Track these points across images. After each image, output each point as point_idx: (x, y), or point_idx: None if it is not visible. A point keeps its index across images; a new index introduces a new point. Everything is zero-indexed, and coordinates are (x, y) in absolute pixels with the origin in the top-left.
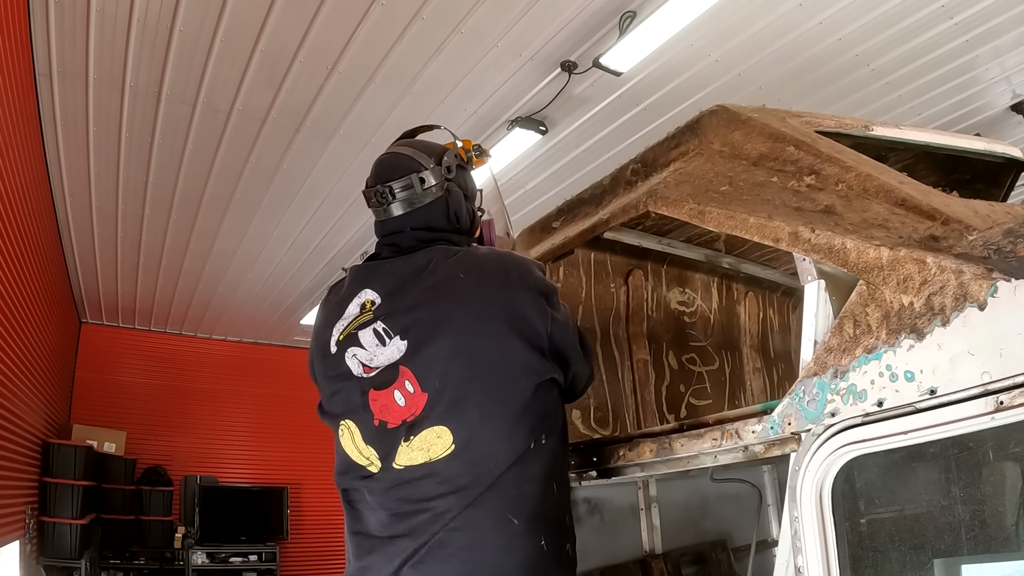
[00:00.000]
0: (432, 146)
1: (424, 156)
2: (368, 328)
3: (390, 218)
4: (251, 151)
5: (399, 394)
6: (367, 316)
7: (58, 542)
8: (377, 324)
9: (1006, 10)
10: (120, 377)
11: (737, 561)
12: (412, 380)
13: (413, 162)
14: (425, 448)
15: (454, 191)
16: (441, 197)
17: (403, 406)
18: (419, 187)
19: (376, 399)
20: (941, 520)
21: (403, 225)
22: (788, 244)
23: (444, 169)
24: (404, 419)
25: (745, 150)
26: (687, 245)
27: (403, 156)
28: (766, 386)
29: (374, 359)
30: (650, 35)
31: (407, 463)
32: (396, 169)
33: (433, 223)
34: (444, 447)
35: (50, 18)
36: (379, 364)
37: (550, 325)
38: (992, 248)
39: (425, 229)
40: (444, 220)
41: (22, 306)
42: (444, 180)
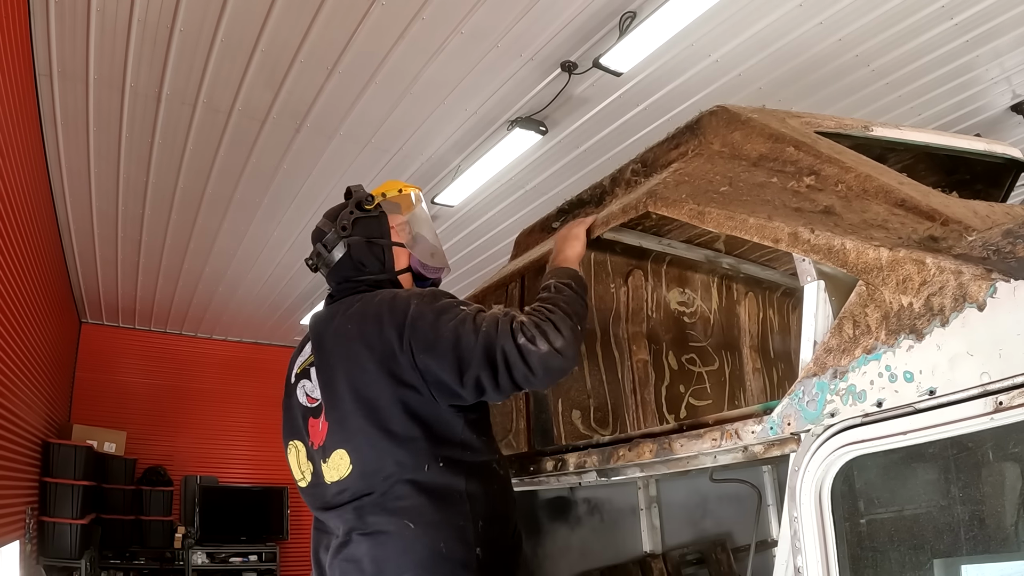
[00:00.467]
0: (336, 210)
1: (327, 222)
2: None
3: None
4: (251, 151)
5: (320, 421)
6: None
7: (58, 542)
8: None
9: (1006, 10)
10: (120, 377)
11: (737, 561)
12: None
13: (320, 232)
14: (336, 467)
15: (354, 242)
16: (344, 254)
17: (320, 431)
18: (326, 252)
19: (312, 425)
20: (940, 520)
21: (331, 281)
22: (788, 245)
23: (340, 228)
24: (320, 444)
25: (745, 151)
26: (687, 245)
27: (318, 229)
28: (766, 386)
29: (314, 391)
30: (650, 35)
31: (330, 480)
32: (314, 241)
33: (345, 276)
34: (346, 467)
35: (50, 18)
36: (316, 397)
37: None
38: (991, 249)
39: (344, 281)
40: (352, 270)
41: (22, 306)
42: (340, 238)
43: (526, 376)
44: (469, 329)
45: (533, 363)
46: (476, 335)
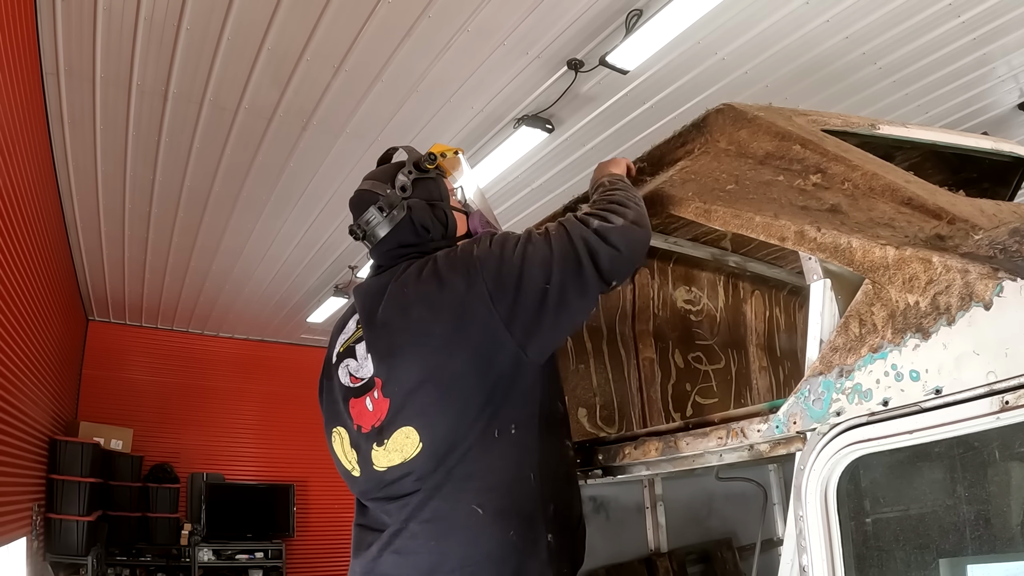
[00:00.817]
0: (389, 171)
1: (380, 184)
2: (360, 344)
3: (374, 245)
4: (258, 150)
5: (369, 401)
6: (358, 334)
7: (65, 539)
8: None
9: (1013, 8)
10: (127, 375)
11: (742, 560)
12: (378, 387)
13: (371, 194)
14: (399, 449)
15: (416, 205)
16: (404, 216)
17: (371, 411)
18: (380, 216)
19: (354, 406)
20: (946, 520)
21: (381, 249)
22: (794, 243)
23: (399, 190)
24: (373, 424)
25: (751, 149)
26: (693, 243)
27: (363, 192)
28: (772, 385)
29: (360, 370)
30: (656, 33)
31: (387, 464)
32: (360, 205)
33: (404, 241)
34: (414, 446)
35: (57, 17)
36: (362, 376)
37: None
38: (998, 247)
39: (398, 247)
40: (413, 235)
41: (30, 304)
42: (401, 200)
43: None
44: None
45: (615, 240)
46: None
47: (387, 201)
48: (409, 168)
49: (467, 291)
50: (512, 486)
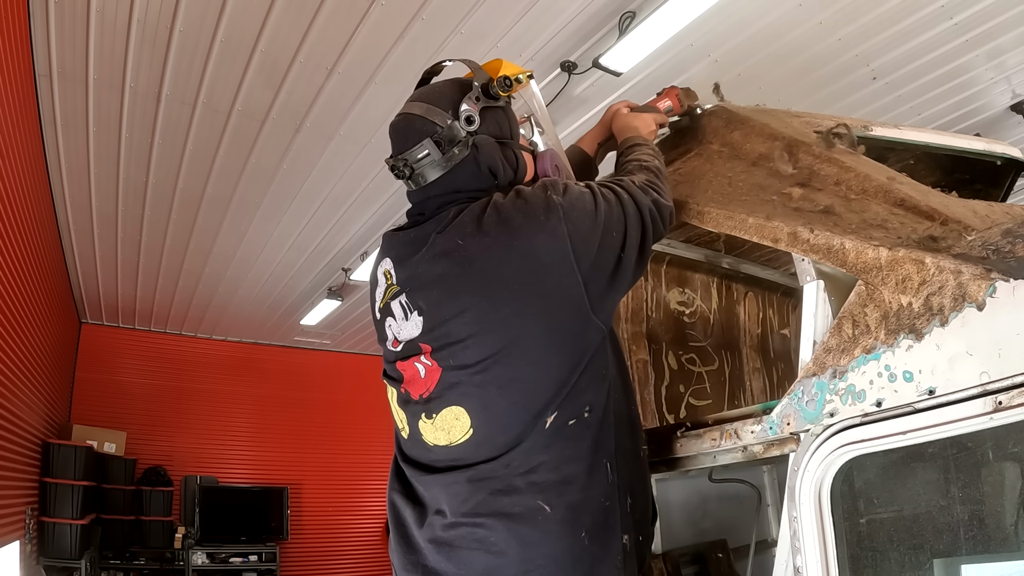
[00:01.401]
0: (449, 93)
1: (438, 111)
2: (397, 300)
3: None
4: (251, 151)
5: (420, 366)
6: (394, 288)
7: (58, 542)
8: (402, 297)
9: (1006, 10)
10: (120, 377)
11: (736, 561)
12: (428, 354)
13: (427, 122)
14: (446, 430)
15: (483, 142)
16: (468, 155)
17: (423, 378)
18: (436, 152)
19: (404, 369)
20: (940, 520)
21: (428, 194)
22: (787, 244)
23: (464, 121)
24: (421, 393)
25: (744, 150)
26: (686, 245)
27: (415, 118)
28: (766, 386)
29: (400, 332)
30: (650, 35)
31: (434, 442)
32: (408, 136)
33: (463, 186)
34: (463, 431)
35: (50, 19)
36: (403, 338)
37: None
38: (991, 248)
39: (454, 192)
40: (475, 180)
41: (22, 306)
42: (467, 135)
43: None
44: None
45: (664, 216)
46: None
47: (448, 135)
48: (477, 94)
49: (548, 244)
50: (586, 480)
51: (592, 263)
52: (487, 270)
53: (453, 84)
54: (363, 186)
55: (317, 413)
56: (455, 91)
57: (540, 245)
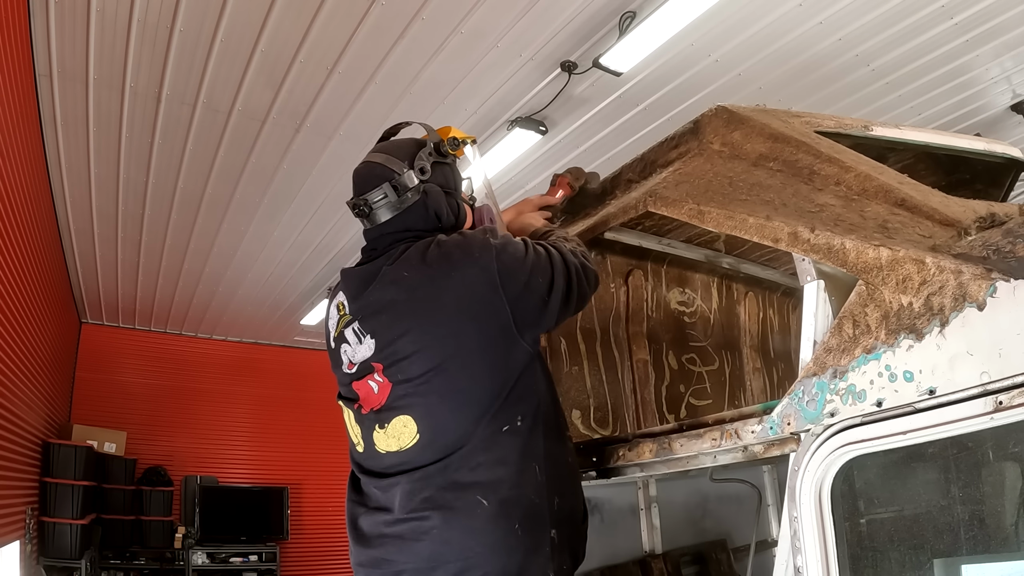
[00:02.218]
0: (405, 147)
1: (396, 161)
2: (350, 328)
3: (374, 226)
4: (251, 151)
5: (373, 384)
6: (347, 318)
7: (58, 542)
8: (355, 325)
9: (1006, 10)
10: (120, 377)
11: (737, 561)
12: (380, 371)
13: (386, 170)
14: (396, 436)
15: (432, 190)
16: (419, 200)
17: (376, 394)
18: (393, 195)
19: (359, 389)
20: (940, 520)
21: (382, 231)
22: (787, 244)
23: (418, 171)
24: (374, 407)
25: (745, 150)
26: (687, 245)
27: (375, 165)
28: (766, 386)
29: (355, 355)
30: (650, 35)
31: (386, 449)
32: (369, 180)
33: (412, 226)
34: (411, 437)
35: (50, 18)
36: (358, 360)
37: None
38: (991, 248)
39: (402, 231)
40: (423, 222)
41: (22, 306)
42: (420, 182)
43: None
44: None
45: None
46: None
47: (403, 181)
48: (430, 150)
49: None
50: (518, 479)
51: (517, 295)
52: (428, 295)
53: (410, 141)
54: None
55: (317, 413)
56: (411, 146)
57: (473, 275)
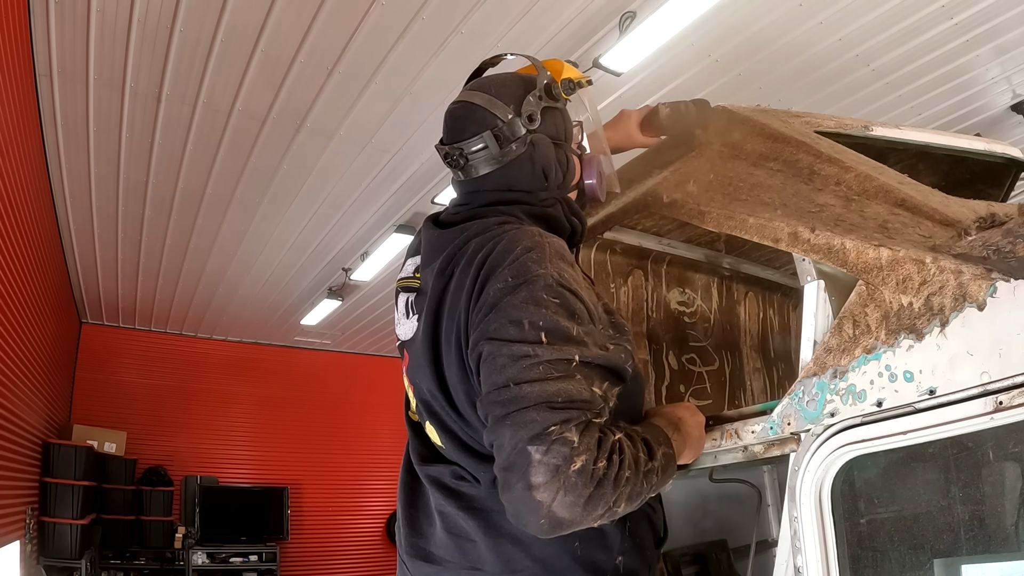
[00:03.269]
0: (512, 86)
1: (501, 105)
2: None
3: (467, 180)
4: (251, 151)
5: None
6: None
7: (58, 542)
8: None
9: (1006, 10)
10: (120, 377)
11: (737, 561)
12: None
13: (487, 114)
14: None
15: (540, 142)
16: (524, 153)
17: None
18: (495, 146)
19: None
20: (941, 520)
21: (478, 187)
22: (788, 244)
23: (526, 119)
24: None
25: (745, 150)
26: (687, 245)
27: (475, 108)
28: (766, 386)
29: (399, 328)
30: (650, 35)
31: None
32: (467, 125)
33: (515, 184)
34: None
35: (50, 18)
36: (401, 336)
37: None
38: (991, 248)
39: (506, 190)
40: (528, 180)
41: (22, 306)
42: (527, 132)
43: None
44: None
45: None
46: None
47: (508, 130)
48: (540, 92)
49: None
50: None
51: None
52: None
53: (516, 79)
54: (363, 186)
55: (317, 413)
56: (518, 86)
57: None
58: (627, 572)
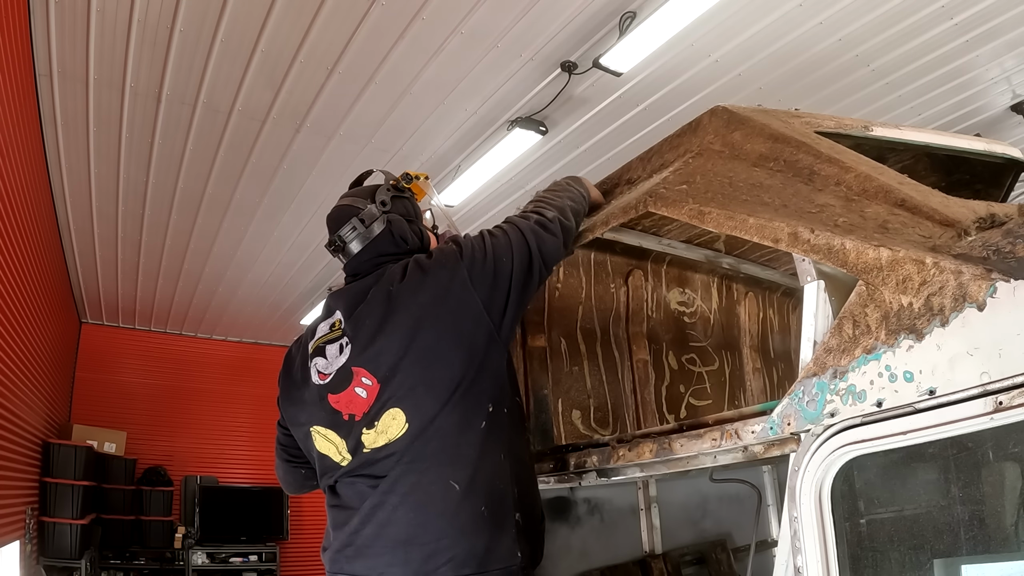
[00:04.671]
0: (368, 188)
1: (360, 200)
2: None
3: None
4: (251, 151)
5: (359, 389)
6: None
7: (58, 542)
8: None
9: (1006, 10)
10: (120, 377)
11: (737, 561)
12: (366, 375)
13: (352, 208)
14: (385, 430)
15: (394, 219)
16: (385, 228)
17: (364, 398)
18: (361, 227)
19: (338, 400)
20: (940, 520)
21: (360, 259)
22: (788, 245)
23: (380, 204)
24: (364, 411)
25: (745, 151)
26: (687, 245)
27: (344, 206)
28: (766, 386)
29: (329, 366)
30: (650, 35)
31: (372, 445)
32: (340, 220)
33: (383, 250)
34: (400, 427)
35: (50, 18)
36: (331, 371)
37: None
38: (991, 249)
39: (377, 256)
40: (392, 245)
41: (22, 306)
42: (383, 213)
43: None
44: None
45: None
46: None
47: (368, 214)
48: (387, 186)
49: (450, 279)
50: (484, 464)
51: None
52: (407, 301)
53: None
54: None
55: None
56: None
57: (444, 279)
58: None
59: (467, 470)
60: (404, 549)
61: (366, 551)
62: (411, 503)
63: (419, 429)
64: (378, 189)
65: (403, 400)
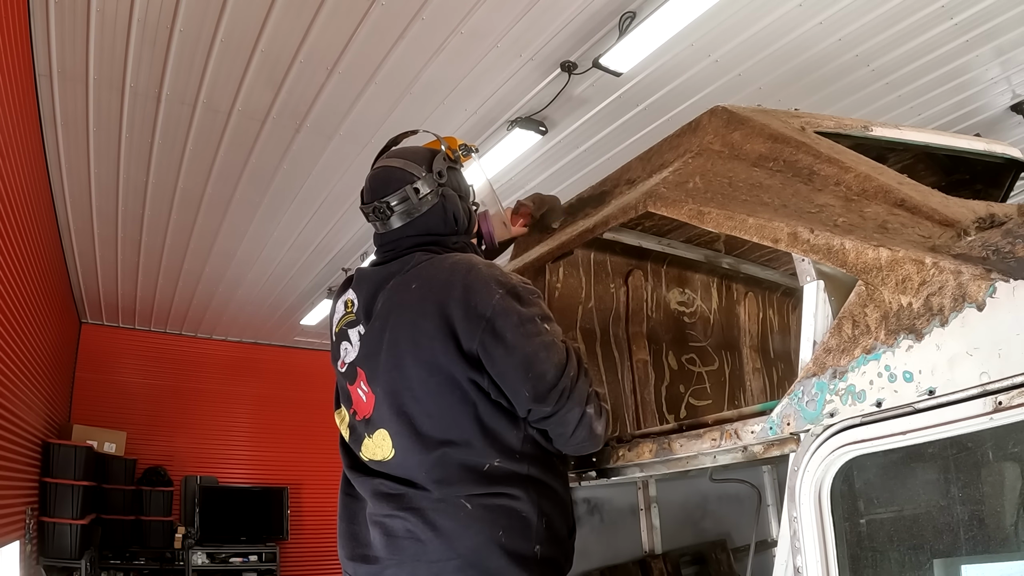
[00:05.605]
0: (421, 152)
1: (415, 165)
2: (355, 328)
3: (390, 230)
4: (251, 151)
5: (360, 391)
6: (350, 316)
7: (58, 542)
8: (359, 326)
9: (1006, 10)
10: (120, 377)
11: (737, 561)
12: (364, 381)
13: (405, 173)
14: (377, 448)
15: (449, 195)
16: (437, 203)
17: (364, 402)
18: (415, 197)
19: (351, 393)
20: (940, 520)
21: (401, 235)
22: (787, 245)
23: (436, 175)
24: (365, 416)
25: (745, 151)
26: (687, 245)
27: (394, 169)
28: (766, 386)
29: (347, 356)
30: (650, 36)
31: (370, 456)
32: (389, 183)
33: (432, 229)
34: (387, 451)
35: (50, 18)
36: (348, 361)
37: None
38: (991, 249)
39: (420, 235)
40: (442, 225)
41: (22, 306)
42: (438, 186)
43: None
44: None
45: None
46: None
47: (425, 183)
48: (444, 155)
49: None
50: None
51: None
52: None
53: (424, 148)
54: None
55: (317, 413)
56: (427, 152)
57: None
58: (544, 559)
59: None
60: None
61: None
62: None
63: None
64: (435, 157)
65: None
